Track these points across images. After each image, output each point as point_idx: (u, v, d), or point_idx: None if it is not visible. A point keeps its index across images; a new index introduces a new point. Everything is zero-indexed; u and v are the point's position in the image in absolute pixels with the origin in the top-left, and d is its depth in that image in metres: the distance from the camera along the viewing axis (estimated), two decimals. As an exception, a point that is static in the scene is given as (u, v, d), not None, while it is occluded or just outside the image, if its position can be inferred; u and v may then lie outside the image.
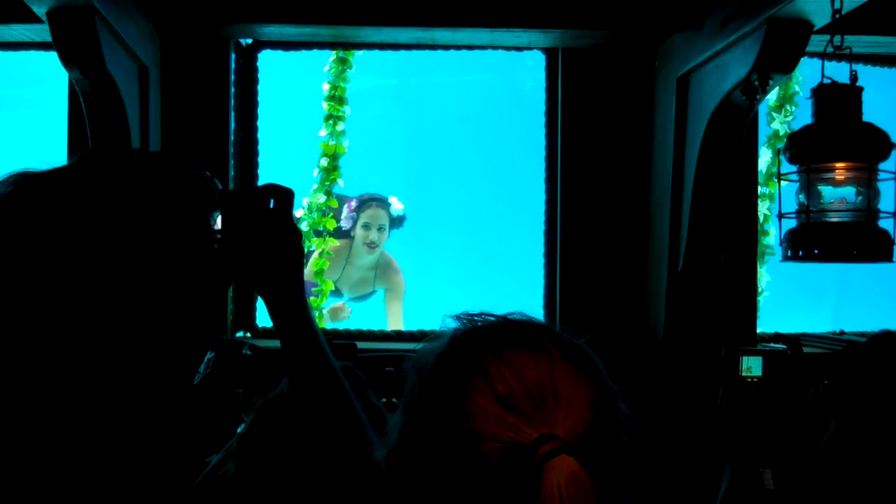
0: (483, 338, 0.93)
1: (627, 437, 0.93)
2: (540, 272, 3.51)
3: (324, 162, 4.11)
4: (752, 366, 2.66)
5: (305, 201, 4.18)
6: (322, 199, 4.18)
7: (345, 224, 4.98)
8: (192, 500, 1.02)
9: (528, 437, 0.83)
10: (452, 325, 0.98)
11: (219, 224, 1.18)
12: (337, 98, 4.04)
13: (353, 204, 4.99)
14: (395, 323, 5.10)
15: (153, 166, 1.05)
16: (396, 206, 5.03)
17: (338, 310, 4.85)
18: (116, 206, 0.98)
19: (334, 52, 3.93)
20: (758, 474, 2.06)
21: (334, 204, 4.31)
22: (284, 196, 1.24)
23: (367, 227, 4.94)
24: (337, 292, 4.98)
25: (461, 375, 0.89)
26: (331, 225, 4.36)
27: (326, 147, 4.08)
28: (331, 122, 4.05)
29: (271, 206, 1.23)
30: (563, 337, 0.94)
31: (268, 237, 1.22)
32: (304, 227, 4.14)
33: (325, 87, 4.05)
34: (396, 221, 5.06)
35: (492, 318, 0.97)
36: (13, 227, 0.96)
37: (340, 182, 4.29)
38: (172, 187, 1.04)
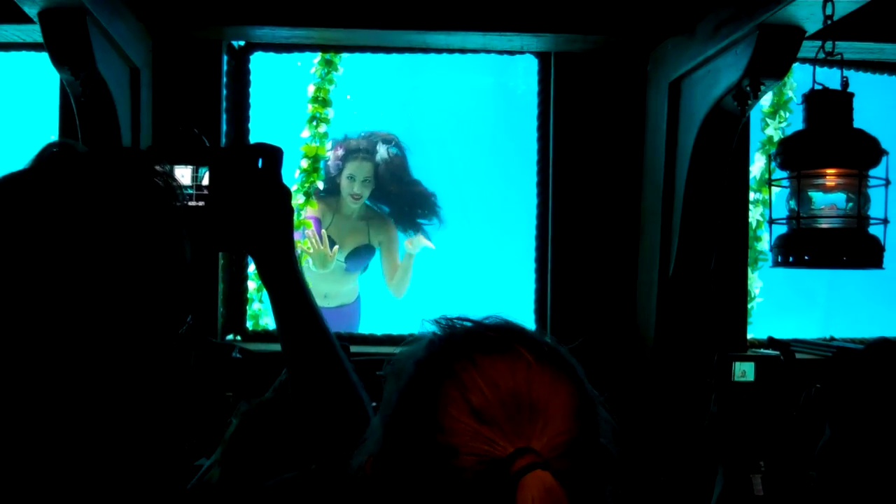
0: (459, 344, 0.92)
1: (608, 440, 0.92)
2: (531, 276, 3.51)
3: (304, 164, 4.10)
4: (745, 371, 2.66)
5: None
6: (301, 200, 4.17)
7: (332, 170, 4.87)
8: (179, 499, 1.01)
9: (503, 451, 0.82)
10: (430, 328, 0.96)
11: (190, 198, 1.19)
12: (321, 100, 4.03)
13: (340, 152, 4.84)
14: (396, 280, 5.01)
15: (112, 163, 1.03)
16: (383, 153, 4.88)
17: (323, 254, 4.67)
18: (75, 205, 0.97)
19: (320, 54, 3.92)
20: (748, 480, 2.05)
21: (314, 206, 4.29)
22: (273, 154, 1.26)
23: (351, 178, 4.78)
24: (331, 244, 4.86)
25: (436, 385, 0.88)
26: (308, 226, 4.34)
27: (308, 149, 4.08)
28: (314, 123, 4.05)
29: (260, 165, 1.25)
30: (540, 342, 0.93)
31: (257, 194, 1.23)
32: None
33: (311, 89, 4.05)
34: (389, 163, 4.89)
35: (469, 323, 0.95)
36: None
37: (320, 184, 4.28)
38: (131, 183, 1.02)
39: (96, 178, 0.99)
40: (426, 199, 5.14)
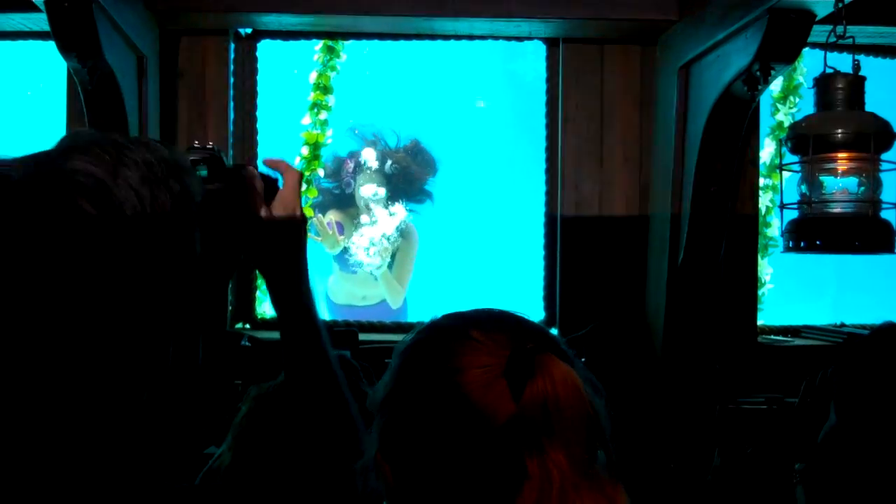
0: (461, 318, 0.98)
1: (602, 401, 0.95)
2: (540, 265, 3.50)
3: (305, 151, 4.10)
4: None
5: None
6: (303, 187, 4.17)
7: (346, 187, 4.95)
8: (187, 492, 1.01)
9: (503, 357, 0.88)
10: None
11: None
12: (322, 87, 4.02)
13: (351, 165, 4.94)
14: (403, 279, 5.04)
15: (135, 159, 1.03)
16: (388, 166, 5.00)
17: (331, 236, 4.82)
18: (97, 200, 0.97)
19: (322, 41, 3.91)
20: None
21: (313, 193, 4.30)
22: (295, 178, 1.26)
23: (364, 198, 4.90)
24: (340, 229, 4.95)
25: (448, 344, 0.93)
26: (309, 213, 4.36)
27: (309, 136, 4.06)
28: (315, 110, 4.04)
29: (280, 185, 1.25)
30: (523, 319, 0.98)
31: (272, 218, 1.22)
32: None
33: (313, 76, 4.04)
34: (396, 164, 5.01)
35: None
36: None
37: (321, 171, 4.28)
38: (155, 183, 1.02)
39: (110, 172, 0.99)
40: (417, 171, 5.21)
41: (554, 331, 3.30)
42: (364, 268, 4.88)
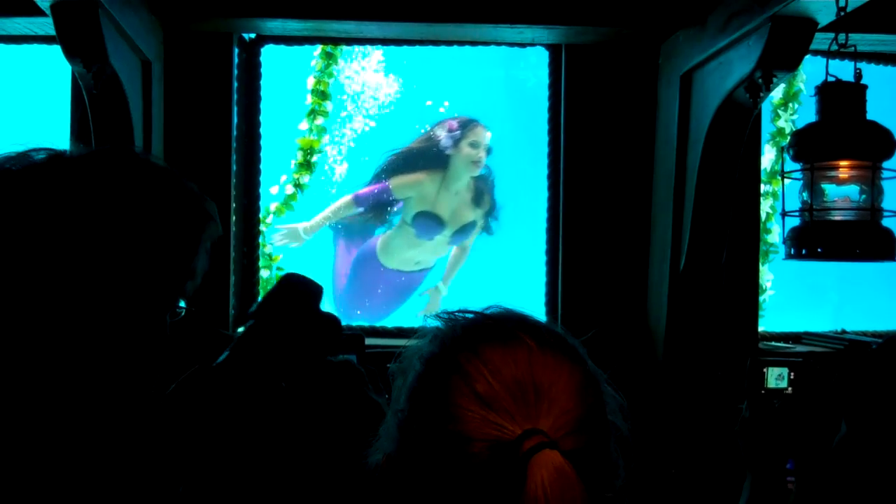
0: (461, 337, 0.94)
1: (615, 415, 0.94)
2: (542, 270, 3.51)
3: (299, 156, 4.11)
4: (780, 374, 2.66)
5: (274, 190, 4.17)
6: (290, 190, 4.18)
7: (445, 144, 4.94)
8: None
9: (511, 434, 0.84)
10: (434, 323, 0.99)
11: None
12: (319, 93, 4.03)
13: (455, 124, 4.95)
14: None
15: (156, 179, 1.08)
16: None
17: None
18: (110, 210, 1.02)
19: (320, 46, 3.92)
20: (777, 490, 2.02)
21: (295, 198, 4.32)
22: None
23: (475, 145, 4.90)
24: (436, 220, 4.95)
25: (443, 379, 0.90)
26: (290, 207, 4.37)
27: (304, 141, 4.08)
28: (312, 116, 4.05)
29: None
30: (540, 326, 0.95)
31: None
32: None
33: (310, 81, 4.05)
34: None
35: (470, 315, 0.98)
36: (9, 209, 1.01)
37: (306, 178, 4.30)
38: (168, 204, 1.08)
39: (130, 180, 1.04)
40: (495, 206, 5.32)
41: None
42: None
